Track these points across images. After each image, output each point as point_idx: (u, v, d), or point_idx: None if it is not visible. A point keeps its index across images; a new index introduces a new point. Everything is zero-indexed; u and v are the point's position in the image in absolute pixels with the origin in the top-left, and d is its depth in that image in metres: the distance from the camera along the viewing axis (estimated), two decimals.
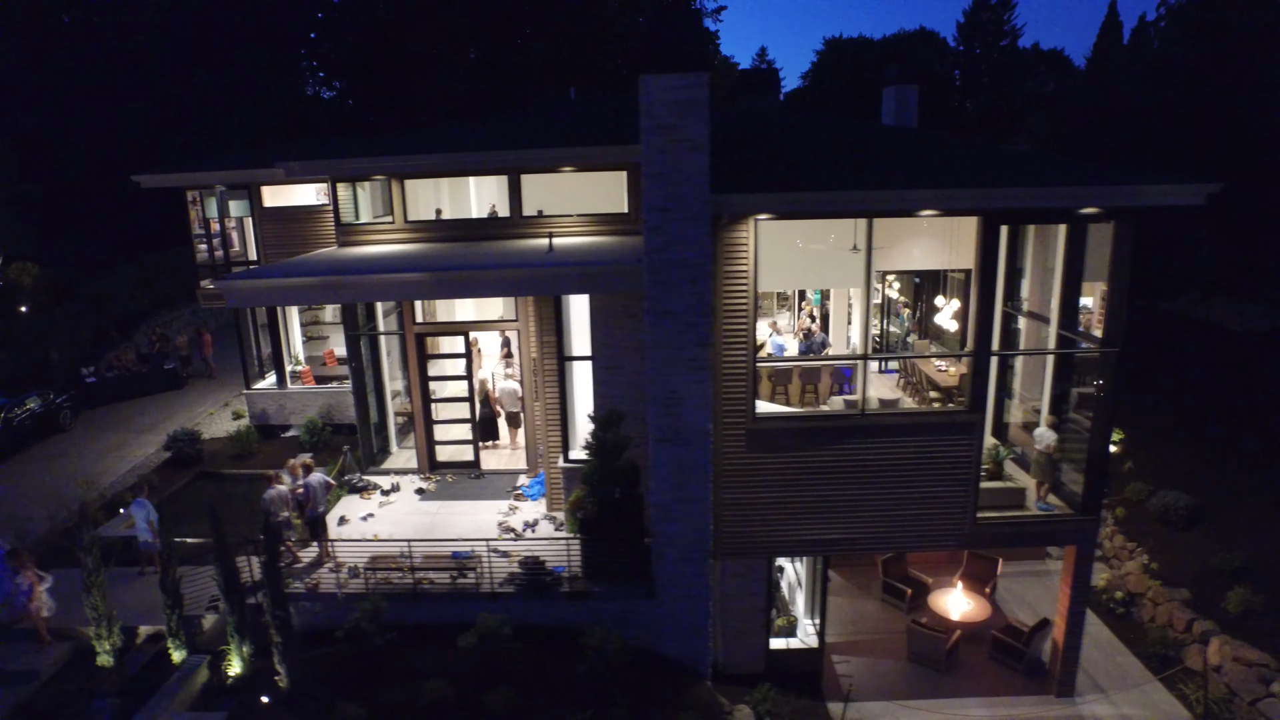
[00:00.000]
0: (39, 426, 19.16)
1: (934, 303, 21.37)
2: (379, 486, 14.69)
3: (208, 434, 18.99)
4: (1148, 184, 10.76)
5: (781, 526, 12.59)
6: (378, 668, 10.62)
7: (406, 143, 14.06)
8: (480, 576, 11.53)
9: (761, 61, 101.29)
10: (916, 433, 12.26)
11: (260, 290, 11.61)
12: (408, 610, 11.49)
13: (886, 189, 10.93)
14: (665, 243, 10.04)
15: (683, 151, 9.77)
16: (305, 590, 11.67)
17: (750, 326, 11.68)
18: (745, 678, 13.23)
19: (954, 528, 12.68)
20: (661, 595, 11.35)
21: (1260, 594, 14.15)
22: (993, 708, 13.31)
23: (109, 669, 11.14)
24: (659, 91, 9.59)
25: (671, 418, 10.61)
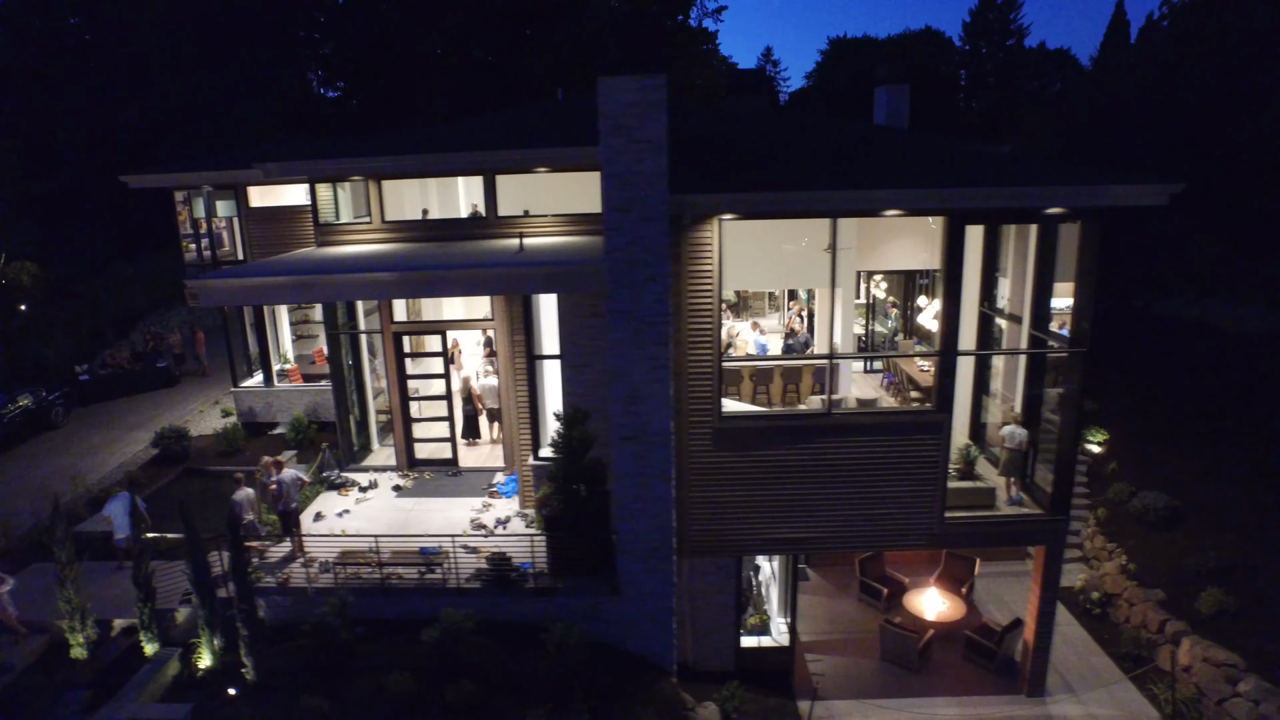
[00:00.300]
0: (31, 423, 19.46)
1: (917, 303, 21.43)
2: (357, 483, 14.86)
3: (196, 431, 19.22)
4: (1109, 184, 10.78)
5: (750, 525, 12.67)
6: (343, 661, 10.78)
7: (382, 144, 14.21)
8: (447, 572, 11.67)
9: (767, 61, 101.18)
10: (884, 432, 12.32)
11: (233, 290, 11.78)
12: (376, 605, 11.64)
13: (849, 189, 10.99)
14: (624, 242, 10.14)
15: (641, 152, 9.86)
16: (276, 585, 11.84)
17: (715, 326, 11.77)
18: (715, 675, 13.32)
19: (922, 527, 12.73)
20: (625, 592, 11.45)
21: (1233, 595, 14.12)
22: (962, 707, 13.36)
23: (83, 661, 11.35)
24: (617, 93, 9.69)
25: (633, 416, 10.71)
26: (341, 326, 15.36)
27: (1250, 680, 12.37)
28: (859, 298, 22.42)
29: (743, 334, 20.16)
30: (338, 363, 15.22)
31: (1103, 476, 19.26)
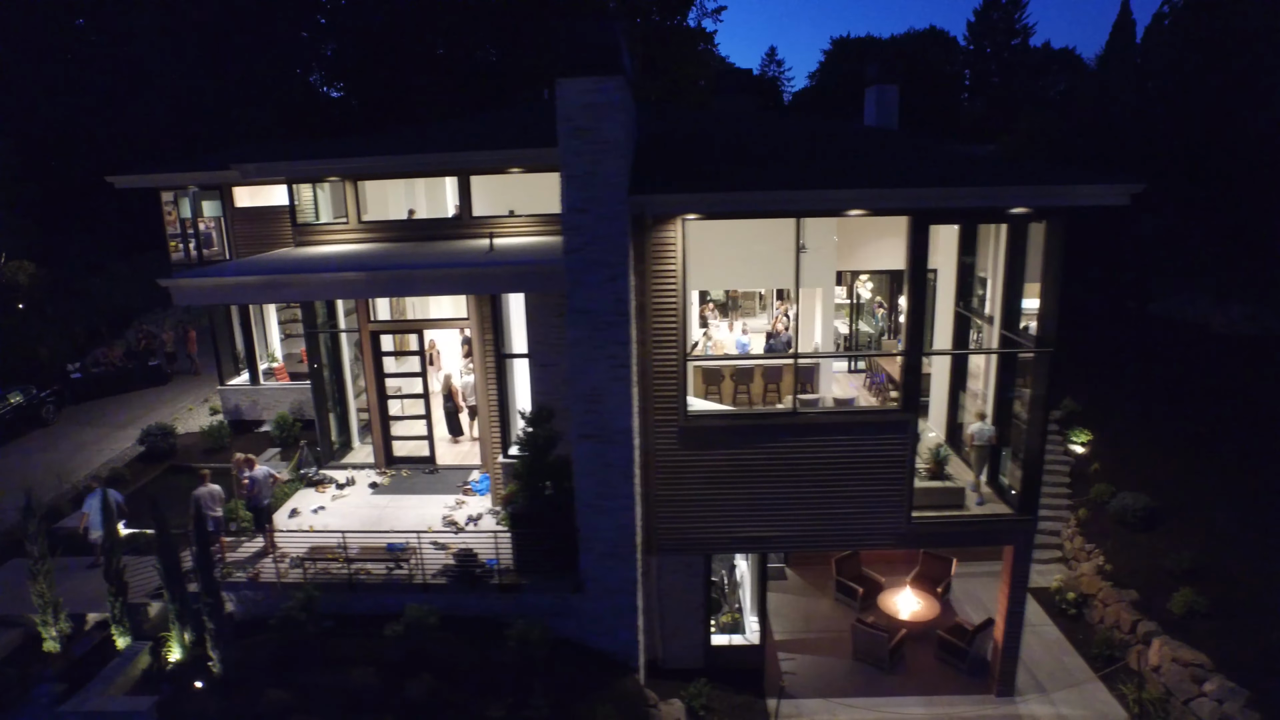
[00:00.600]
0: (22, 420, 19.74)
1: (899, 302, 21.45)
2: (334, 480, 15.02)
3: (183, 429, 19.45)
4: (1068, 184, 10.81)
5: (717, 524, 12.76)
6: (309, 655, 10.92)
7: (359, 146, 14.37)
8: (413, 568, 11.80)
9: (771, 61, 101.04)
10: (850, 432, 12.38)
11: (205, 289, 11.95)
12: (345, 600, 11.79)
13: (809, 189, 11.06)
14: (583, 243, 10.25)
15: (599, 153, 9.97)
16: (247, 580, 12.00)
17: (680, 325, 11.87)
18: (685, 673, 13.41)
19: (890, 527, 12.78)
20: (589, 589, 11.55)
21: (1205, 596, 14.10)
22: (931, 706, 13.40)
23: (55, 655, 11.53)
24: (575, 94, 9.79)
25: (594, 415, 10.81)
26: (321, 326, 15.53)
27: (1215, 680, 12.37)
28: (846, 297, 22.49)
29: (719, 334, 20.24)
30: (316, 362, 15.38)
31: (1085, 477, 19.24)
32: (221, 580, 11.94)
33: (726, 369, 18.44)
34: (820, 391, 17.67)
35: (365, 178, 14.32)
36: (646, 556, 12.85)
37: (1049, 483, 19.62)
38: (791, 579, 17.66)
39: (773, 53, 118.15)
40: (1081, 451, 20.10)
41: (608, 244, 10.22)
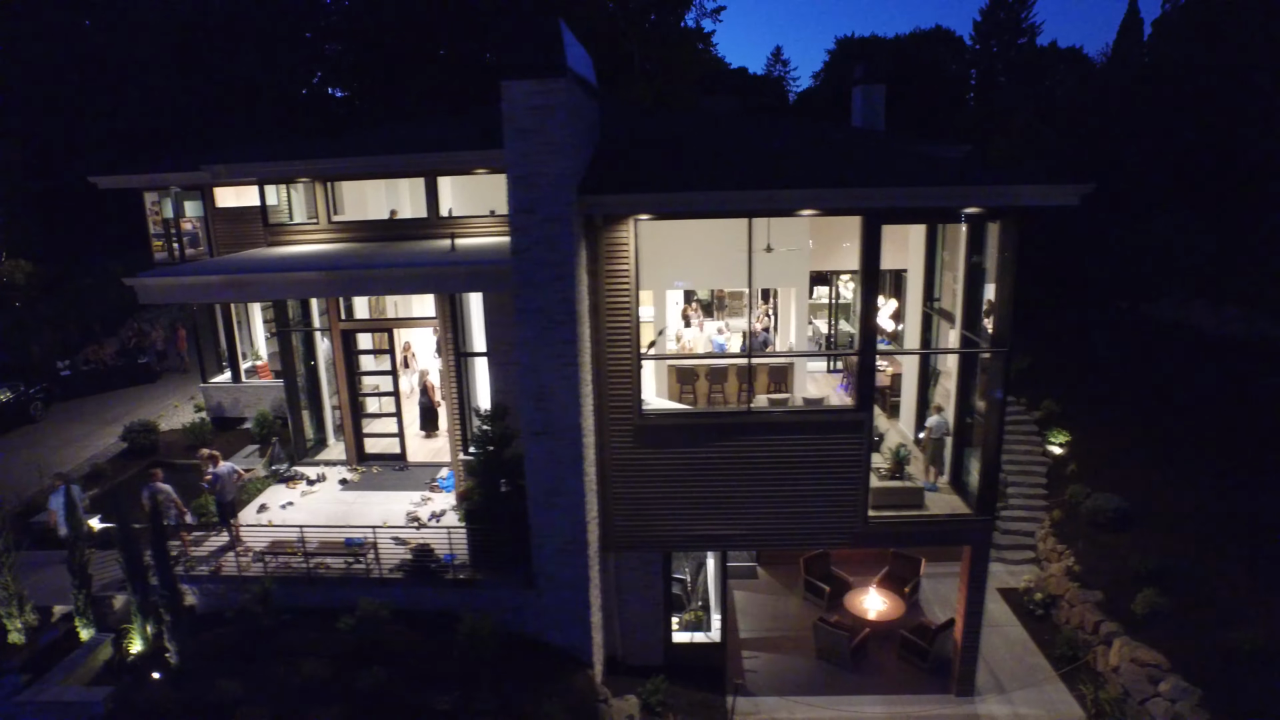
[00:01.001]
0: (10, 417, 20.11)
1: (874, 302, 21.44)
2: (305, 476, 15.24)
3: (167, 426, 19.75)
4: (1014, 184, 10.84)
5: (674, 521, 12.86)
6: (264, 647, 11.12)
7: (325, 147, 14.58)
8: (371, 563, 11.98)
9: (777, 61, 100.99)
10: (805, 431, 12.46)
11: (169, 287, 12.18)
12: (303, 594, 11.98)
13: (758, 189, 11.14)
14: (530, 242, 10.38)
15: (545, 154, 10.09)
16: (209, 574, 12.22)
17: (633, 324, 11.98)
18: (646, 670, 13.51)
19: (845, 525, 12.85)
20: (542, 585, 11.69)
21: (1168, 596, 14.08)
22: (890, 705, 13.45)
23: (20, 646, 11.77)
24: (520, 97, 9.93)
25: (544, 412, 10.95)
26: (294, 325, 15.76)
27: (1170, 680, 12.36)
28: (830, 298, 22.53)
29: (689, 333, 20.36)
30: (289, 360, 15.61)
31: (1062, 478, 19.20)
32: (184, 574, 12.18)
33: (701, 368, 18.56)
34: (794, 391, 17.75)
35: (333, 179, 14.53)
36: (604, 553, 12.99)
37: (1025, 483, 19.64)
38: (762, 578, 17.73)
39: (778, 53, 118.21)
40: (1059, 452, 20.05)
41: (554, 244, 10.35)
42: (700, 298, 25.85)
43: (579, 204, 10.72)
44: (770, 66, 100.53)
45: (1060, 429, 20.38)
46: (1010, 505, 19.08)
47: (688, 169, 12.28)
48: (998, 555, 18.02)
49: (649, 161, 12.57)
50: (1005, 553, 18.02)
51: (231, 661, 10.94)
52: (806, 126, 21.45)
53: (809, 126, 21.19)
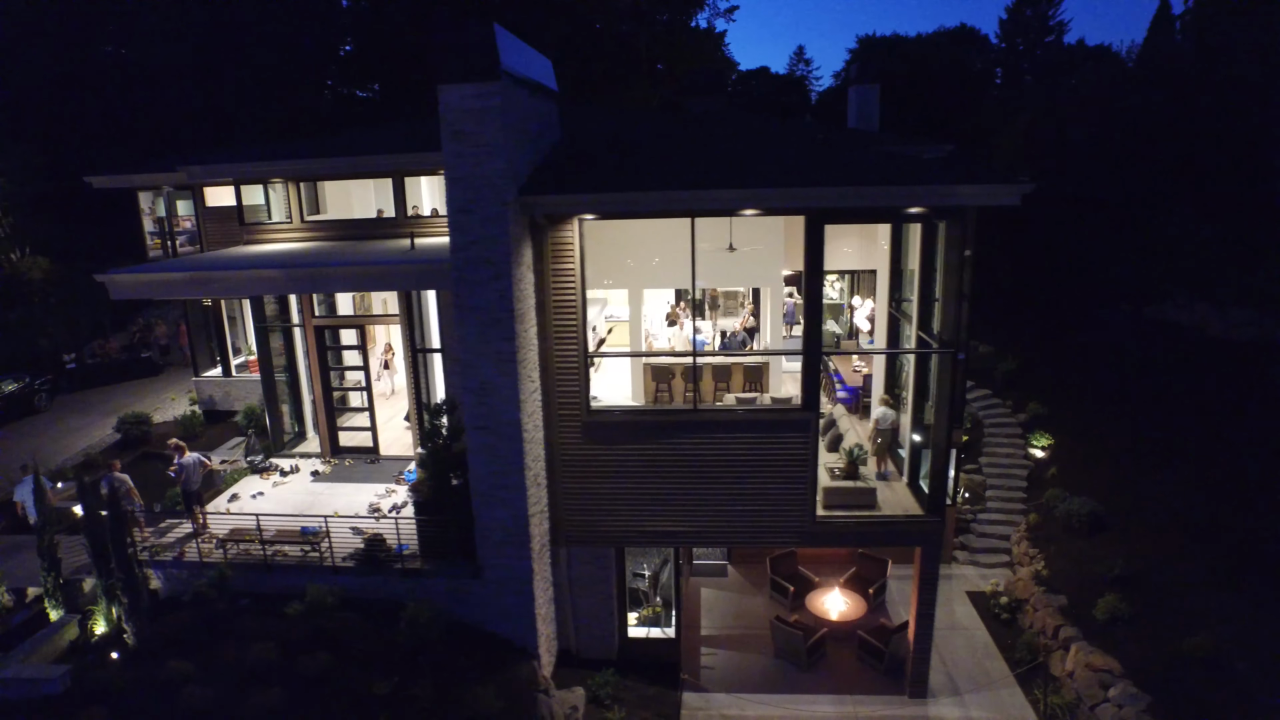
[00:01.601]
0: (15, 407, 20.97)
1: (851, 302, 21.45)
2: (279, 468, 15.70)
3: (161, 418, 20.43)
4: (953, 184, 10.83)
5: (624, 517, 13.04)
6: (218, 629, 11.54)
7: (295, 149, 15.01)
8: (325, 551, 12.35)
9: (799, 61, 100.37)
10: (752, 429, 12.56)
11: (139, 284, 12.69)
12: (261, 580, 12.39)
13: (697, 189, 11.28)
14: (468, 241, 10.65)
15: (481, 156, 10.35)
16: (172, 559, 12.69)
17: (580, 322, 12.19)
18: (601, 663, 13.72)
19: (794, 524, 12.92)
20: (486, 576, 11.96)
21: (1130, 602, 13.93)
22: (840, 705, 13.49)
23: None
24: (456, 100, 10.20)
25: (485, 408, 11.21)
26: (272, 321, 16.24)
27: (1120, 686, 12.26)
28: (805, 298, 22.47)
29: (664, 332, 20.52)
30: (266, 355, 16.09)
31: (1043, 481, 18.99)
32: (150, 559, 12.67)
33: (677, 367, 18.71)
34: (770, 391, 17.82)
35: (303, 179, 14.97)
36: (555, 547, 13.22)
37: (1005, 486, 19.47)
38: (732, 576, 17.83)
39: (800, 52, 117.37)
40: (1042, 455, 19.83)
41: (491, 243, 10.60)
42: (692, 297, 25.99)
43: (520, 204, 10.98)
44: (793, 66, 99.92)
45: (1044, 432, 20.14)
46: (988, 508, 18.94)
47: (635, 169, 12.44)
48: (971, 558, 17.93)
49: (601, 162, 12.76)
50: (979, 556, 17.91)
51: (186, 643, 11.37)
52: (779, 126, 21.45)
53: (782, 126, 21.19)
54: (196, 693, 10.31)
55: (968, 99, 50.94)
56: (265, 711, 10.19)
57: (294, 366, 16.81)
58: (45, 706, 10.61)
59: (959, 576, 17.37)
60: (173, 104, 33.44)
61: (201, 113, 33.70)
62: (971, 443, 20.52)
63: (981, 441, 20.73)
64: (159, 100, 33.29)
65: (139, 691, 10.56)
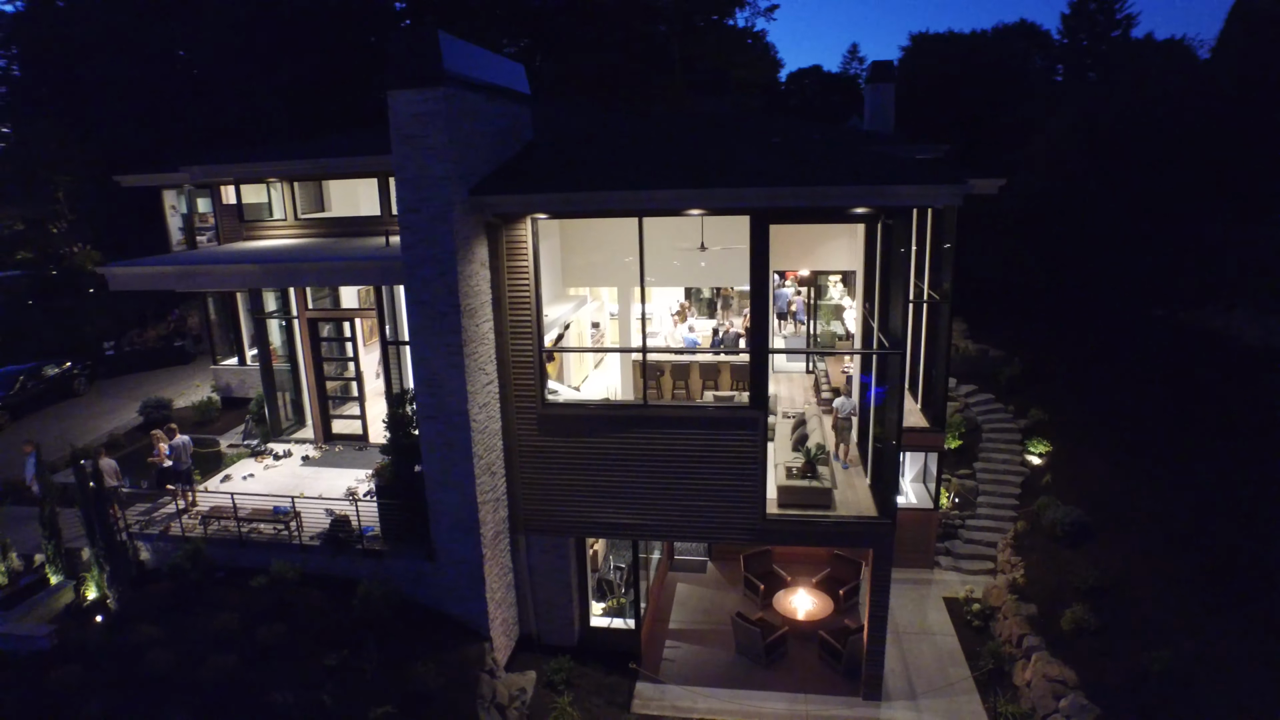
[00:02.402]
0: (55, 391, 22.59)
1: (841, 303, 21.31)
2: (273, 452, 16.60)
3: (184, 403, 21.72)
4: (889, 184, 10.82)
5: (579, 508, 13.40)
6: (192, 600, 12.38)
7: (286, 150, 15.85)
8: (294, 530, 13.08)
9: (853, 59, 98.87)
10: (702, 426, 12.76)
11: (134, 276, 13.66)
12: (237, 555, 13.21)
13: (638, 189, 11.55)
14: (417, 240, 11.17)
15: (427, 158, 10.85)
16: (159, 533, 13.63)
17: (535, 317, 12.60)
18: (563, 650, 14.13)
19: (745, 521, 13.07)
20: (440, 559, 12.49)
21: (1099, 614, 13.62)
22: (793, 703, 13.57)
23: (3, 585, 13.51)
24: (403, 105, 10.73)
25: (435, 398, 11.72)
26: (272, 313, 17.18)
27: (1070, 697, 12.03)
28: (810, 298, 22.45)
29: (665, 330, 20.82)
30: (264, 344, 17.03)
31: (1037, 489, 18.53)
32: (139, 533, 13.64)
33: (666, 364, 19.00)
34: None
35: (297, 179, 15.80)
36: (514, 535, 13.68)
37: (997, 493, 19.08)
38: (710, 572, 18.00)
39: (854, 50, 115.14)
40: (1038, 463, 19.36)
41: (437, 241, 11.10)
42: (708, 296, 26.18)
43: (471, 203, 11.45)
44: (846, 64, 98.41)
45: (1042, 439, 19.63)
46: (977, 515, 18.61)
47: (586, 170, 12.76)
48: (954, 564, 17.67)
49: (557, 163, 13.12)
50: (963, 562, 17.64)
51: (161, 611, 12.24)
52: (752, 126, 21.44)
53: (762, 127, 21.15)
54: (160, 656, 11.12)
55: (1021, 97, 49.41)
56: (220, 675, 10.92)
57: (294, 356, 17.70)
58: (33, 661, 11.59)
59: (939, 582, 17.15)
60: (224, 102, 35.16)
61: (254, 109, 35.31)
62: (967, 447, 20.15)
63: (978, 446, 20.33)
64: (210, 98, 35.05)
65: (111, 652, 11.44)
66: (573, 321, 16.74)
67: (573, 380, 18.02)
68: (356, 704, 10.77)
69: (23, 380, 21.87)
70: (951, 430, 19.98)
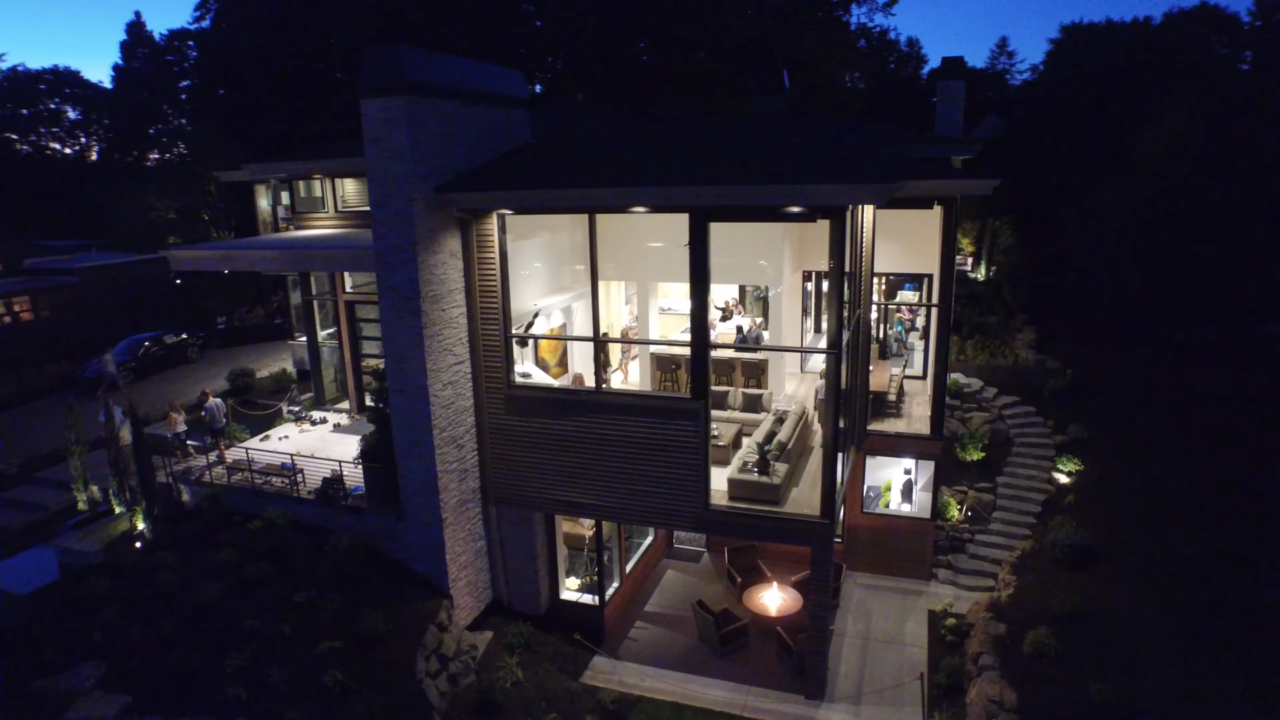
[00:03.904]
0: (172, 357, 26.39)
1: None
2: (311, 418, 18.77)
3: (264, 373, 24.70)
4: (808, 183, 10.98)
5: (541, 485, 14.35)
6: (205, 536, 14.48)
7: (330, 149, 17.82)
8: (295, 486, 14.93)
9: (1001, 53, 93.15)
10: (648, 414, 13.34)
11: (190, 259, 16.01)
12: (250, 502, 15.20)
13: (584, 187, 12.28)
14: (385, 231, 12.51)
15: (392, 159, 12.15)
16: (195, 479, 15.94)
17: (502, 304, 13.65)
18: (529, 617, 15.16)
19: (689, 509, 13.50)
20: (409, 520, 13.84)
21: (1064, 640, 12.92)
22: (734, 693, 13.86)
23: (83, 510, 16.36)
24: (373, 112, 12.08)
25: (401, 374, 13.06)
26: (317, 295, 19.38)
27: (1001, 718, 11.53)
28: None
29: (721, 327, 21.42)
30: (311, 324, 19.24)
31: (1056, 508, 17.45)
32: (181, 476, 16.02)
33: (681, 358, 19.51)
34: (768, 387, 18.19)
35: (337, 175, 17.75)
36: (486, 505, 14.84)
37: (1015, 509, 18.17)
38: (704, 563, 18.40)
39: (1003, 44, 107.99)
40: (1066, 481, 18.18)
41: (401, 233, 12.39)
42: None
43: (438, 200, 12.65)
44: (993, 59, 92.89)
45: (1074, 456, 18.37)
46: (989, 530, 17.79)
47: (551, 170, 13.61)
48: (953, 578, 17.05)
49: (535, 163, 14.07)
50: (962, 577, 16.97)
51: (180, 543, 14.41)
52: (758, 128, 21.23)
53: (771, 128, 20.93)
54: (168, 578, 13.19)
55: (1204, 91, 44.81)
56: (209, 600, 12.82)
57: (340, 334, 19.84)
58: (84, 571, 14.05)
59: (930, 595, 16.63)
60: None
61: None
62: (991, 460, 19.21)
63: (1005, 460, 19.31)
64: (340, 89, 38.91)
65: (135, 572, 13.67)
66: (573, 310, 17.59)
67: None
68: (312, 636, 12.31)
69: (146, 346, 25.73)
70: (974, 441, 19.13)
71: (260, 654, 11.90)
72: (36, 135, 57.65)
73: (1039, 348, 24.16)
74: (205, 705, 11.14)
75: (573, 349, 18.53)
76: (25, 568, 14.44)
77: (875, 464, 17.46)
